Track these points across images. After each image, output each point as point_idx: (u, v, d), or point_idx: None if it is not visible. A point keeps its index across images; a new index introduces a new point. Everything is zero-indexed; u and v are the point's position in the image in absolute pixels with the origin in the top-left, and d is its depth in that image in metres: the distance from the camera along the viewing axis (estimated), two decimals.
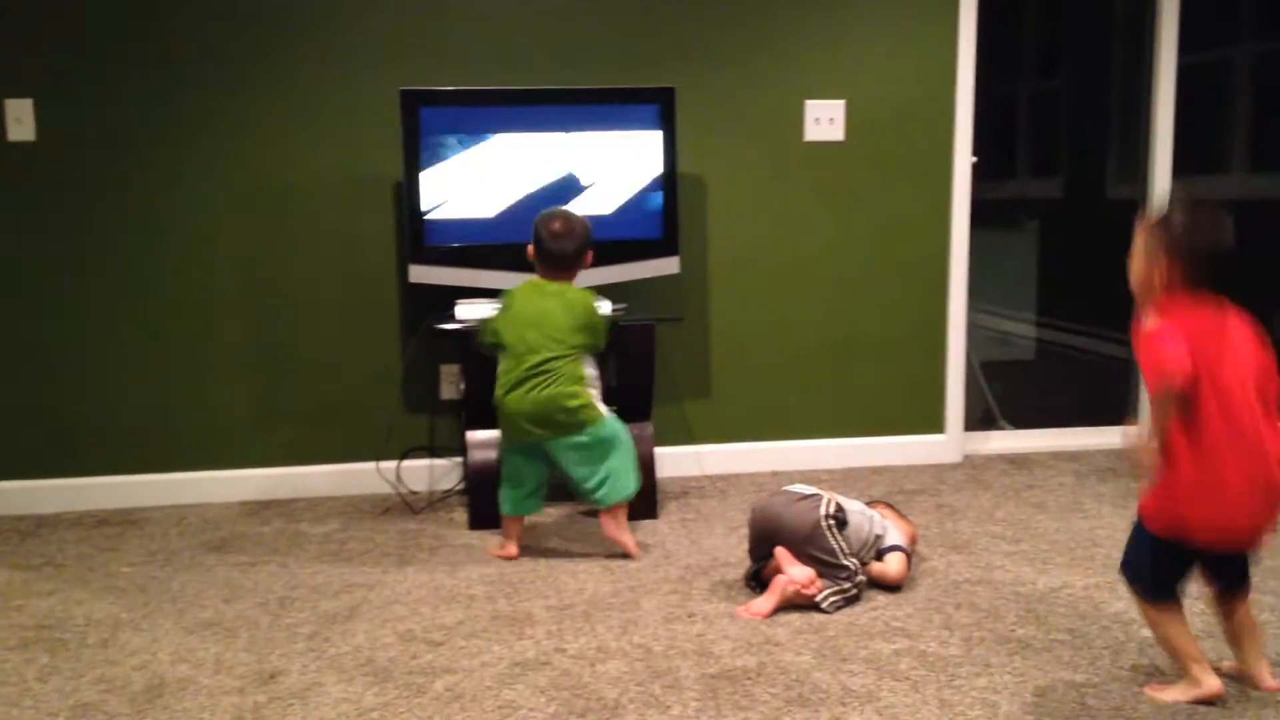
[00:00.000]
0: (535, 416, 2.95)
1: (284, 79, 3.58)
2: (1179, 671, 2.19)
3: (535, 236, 3.08)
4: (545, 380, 2.95)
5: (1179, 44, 4.07)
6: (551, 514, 3.41)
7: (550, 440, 2.98)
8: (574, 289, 3.08)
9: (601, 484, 2.99)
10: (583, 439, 2.97)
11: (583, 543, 3.17)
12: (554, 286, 3.05)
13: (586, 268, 3.13)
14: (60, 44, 3.45)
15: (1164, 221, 2.09)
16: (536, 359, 2.95)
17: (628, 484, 3.03)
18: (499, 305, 3.09)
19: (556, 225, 3.05)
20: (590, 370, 3.06)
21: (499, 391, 3.01)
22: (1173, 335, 2.00)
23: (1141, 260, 2.10)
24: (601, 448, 2.99)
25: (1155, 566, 2.13)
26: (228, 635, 2.56)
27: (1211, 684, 2.13)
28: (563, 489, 3.23)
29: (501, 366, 3.03)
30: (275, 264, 3.65)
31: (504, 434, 3.06)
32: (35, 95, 3.46)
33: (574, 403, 2.95)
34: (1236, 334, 2.08)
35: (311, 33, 3.57)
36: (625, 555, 3.03)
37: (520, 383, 2.96)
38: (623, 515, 3.06)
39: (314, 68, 3.58)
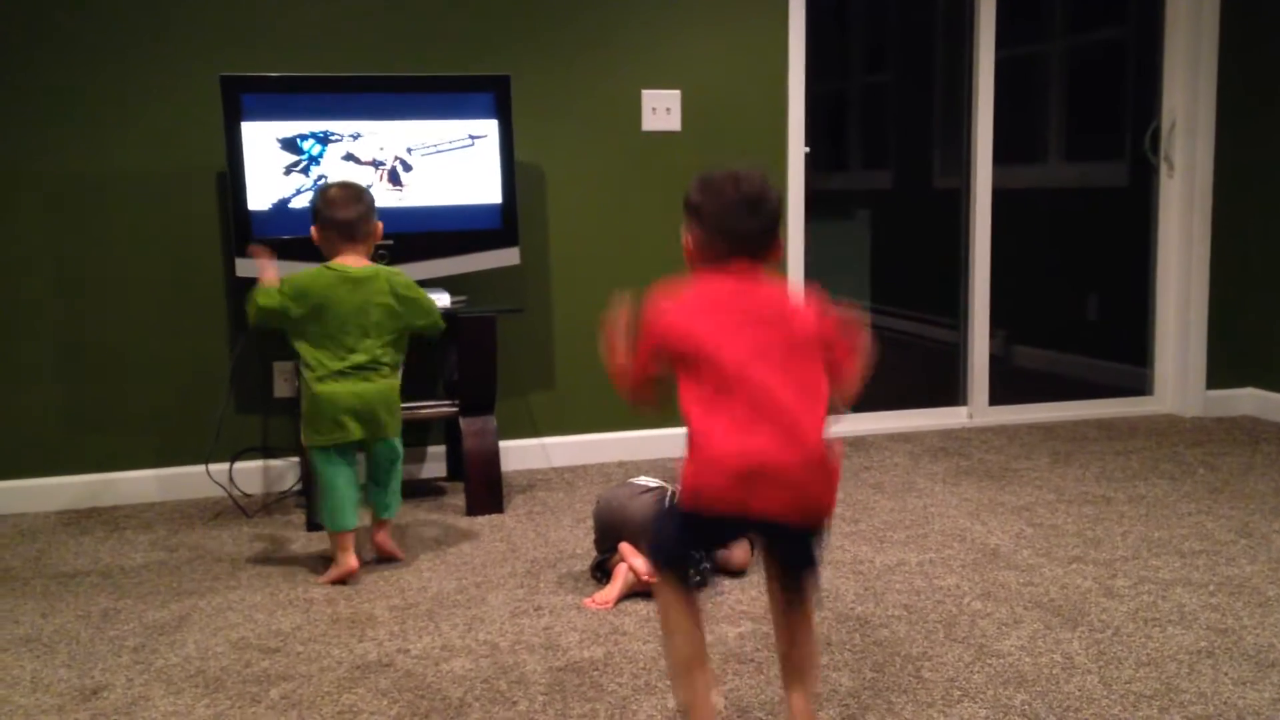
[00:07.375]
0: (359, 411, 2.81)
1: (94, 61, 3.38)
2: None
3: (316, 214, 2.85)
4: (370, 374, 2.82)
5: (996, 40, 4.25)
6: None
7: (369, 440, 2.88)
8: (386, 269, 2.88)
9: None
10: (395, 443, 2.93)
11: (425, 540, 3.11)
12: (359, 271, 2.81)
13: (379, 240, 2.93)
14: None
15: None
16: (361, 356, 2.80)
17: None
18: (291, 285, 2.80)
19: (333, 192, 2.85)
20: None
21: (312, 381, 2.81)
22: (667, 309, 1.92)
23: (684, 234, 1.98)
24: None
25: (679, 539, 1.88)
26: (46, 651, 2.41)
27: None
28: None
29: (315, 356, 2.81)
30: (89, 260, 3.46)
31: (317, 432, 2.82)
32: None
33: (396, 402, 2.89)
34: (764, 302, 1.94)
35: (125, 13, 3.39)
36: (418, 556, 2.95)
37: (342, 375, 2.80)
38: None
39: (128, 50, 3.40)
